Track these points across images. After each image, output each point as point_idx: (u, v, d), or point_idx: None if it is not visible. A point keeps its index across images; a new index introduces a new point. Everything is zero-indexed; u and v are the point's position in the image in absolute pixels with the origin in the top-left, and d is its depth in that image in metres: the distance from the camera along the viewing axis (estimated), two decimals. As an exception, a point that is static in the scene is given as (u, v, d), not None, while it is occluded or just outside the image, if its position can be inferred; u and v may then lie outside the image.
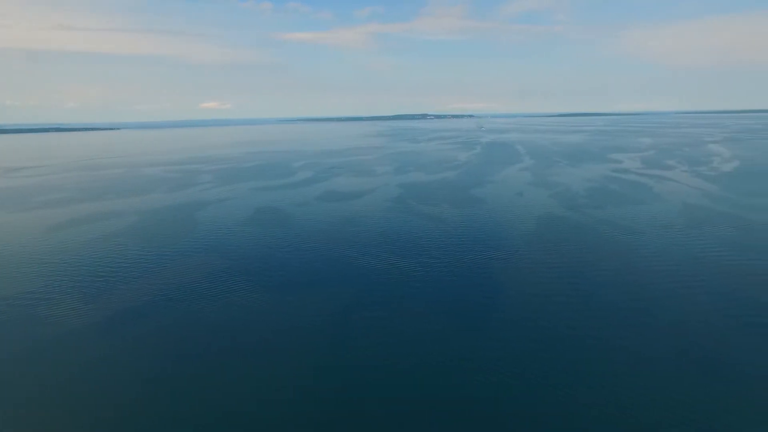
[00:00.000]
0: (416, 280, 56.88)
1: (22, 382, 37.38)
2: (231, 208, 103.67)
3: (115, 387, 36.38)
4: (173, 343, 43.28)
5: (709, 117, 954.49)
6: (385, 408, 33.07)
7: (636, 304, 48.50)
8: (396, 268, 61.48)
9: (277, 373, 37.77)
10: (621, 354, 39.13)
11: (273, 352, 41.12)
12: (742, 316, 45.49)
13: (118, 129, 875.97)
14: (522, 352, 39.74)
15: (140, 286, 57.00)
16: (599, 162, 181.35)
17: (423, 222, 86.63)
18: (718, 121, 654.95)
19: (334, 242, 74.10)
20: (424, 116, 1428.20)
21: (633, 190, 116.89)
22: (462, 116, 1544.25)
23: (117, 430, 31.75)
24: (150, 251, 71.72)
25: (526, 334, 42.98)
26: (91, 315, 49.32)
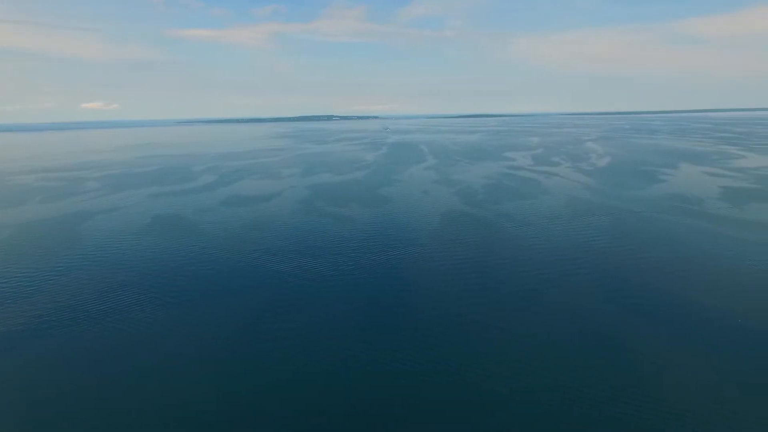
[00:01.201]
0: (329, 282, 56.77)
1: None
2: (124, 218, 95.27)
3: (-13, 427, 31.77)
4: (57, 372, 38.83)
5: (586, 118, 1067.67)
6: (302, 421, 32.64)
7: (531, 291, 52.86)
8: (308, 270, 60.84)
9: (183, 395, 35.54)
10: (521, 339, 42.41)
11: (177, 372, 38.60)
12: (619, 295, 51.58)
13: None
14: (433, 345, 41.43)
15: (14, 311, 50.31)
16: (495, 160, 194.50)
17: (334, 223, 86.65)
18: (594, 122, 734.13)
19: (241, 249, 71.35)
20: (329, 117, 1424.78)
21: (525, 185, 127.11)
22: (367, 117, 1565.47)
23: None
24: (26, 271, 63.56)
25: (436, 326, 44.87)
26: (-48, 348, 42.53)
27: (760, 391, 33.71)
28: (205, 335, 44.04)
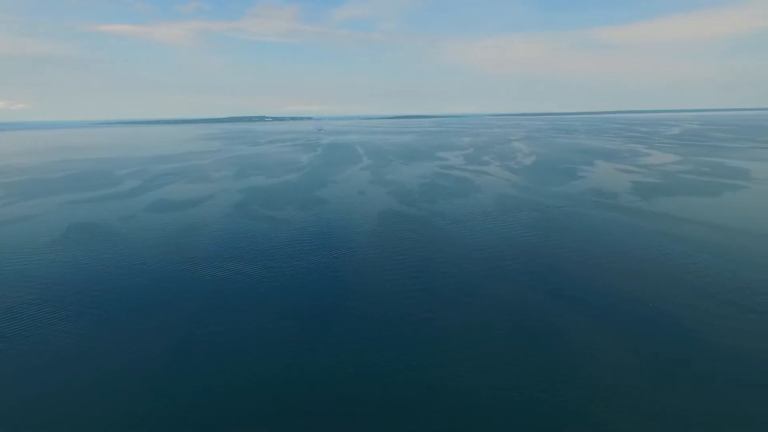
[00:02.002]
0: (267, 287, 55.62)
1: None
2: (35, 229, 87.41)
3: None
4: (-37, 398, 35.10)
5: (513, 118, 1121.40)
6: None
7: (468, 286, 54.96)
8: (245, 276, 59.22)
9: (111, 417, 33.45)
10: (462, 332, 43.99)
11: (106, 393, 36.24)
12: (547, 286, 54.92)
13: None
14: (375, 345, 41.94)
15: None
16: (429, 160, 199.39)
17: (270, 226, 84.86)
18: (519, 122, 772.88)
19: (171, 257, 68.00)
20: (262, 118, 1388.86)
21: (458, 184, 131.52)
22: (301, 118, 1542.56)
23: None
24: None
25: (377, 325, 45.45)
26: None
27: (670, 368, 37.40)
28: (134, 350, 41.62)
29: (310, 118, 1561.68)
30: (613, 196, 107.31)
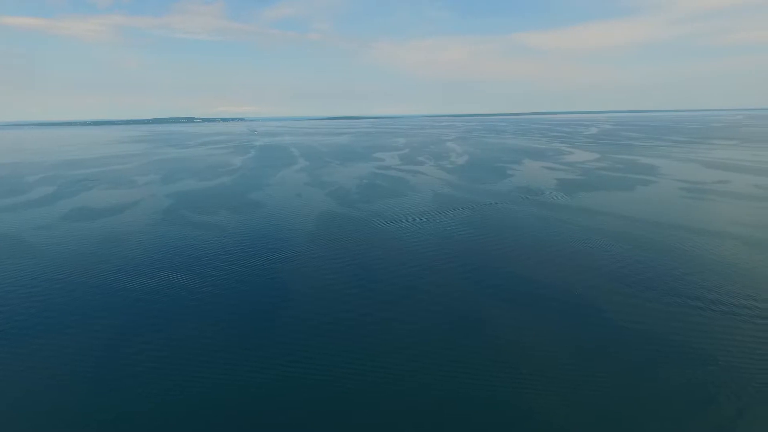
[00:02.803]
0: (201, 295, 53.29)
1: None
2: (-73, 243, 77.83)
3: None
4: None
5: (446, 119, 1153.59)
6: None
7: (408, 283, 55.85)
8: (176, 286, 56.33)
9: (28, 437, 30.60)
10: (402, 329, 44.63)
11: (28, 415, 33.09)
12: (481, 279, 57.11)
13: None
14: (317, 346, 41.52)
15: None
16: (365, 161, 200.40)
17: (202, 232, 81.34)
18: (451, 123, 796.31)
19: (94, 268, 63.25)
20: (190, 120, 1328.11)
21: (394, 184, 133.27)
22: (233, 120, 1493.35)
23: None
24: None
25: (319, 327, 45.03)
26: None
27: (592, 352, 40.24)
28: (57, 368, 38.31)
29: (242, 120, 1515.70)
30: (540, 193, 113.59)
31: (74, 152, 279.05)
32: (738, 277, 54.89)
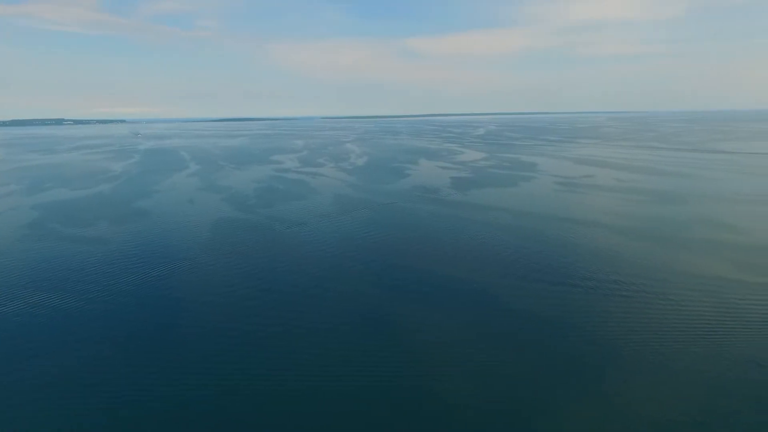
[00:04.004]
0: (81, 316, 47.83)
1: None
2: None
3: None
4: None
5: (344, 121, 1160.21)
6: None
7: (312, 287, 55.34)
8: (50, 308, 49.91)
9: None
10: (308, 334, 44.09)
11: None
12: (386, 278, 58.49)
13: None
14: (213, 359, 39.51)
15: None
16: (263, 163, 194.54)
17: (78, 246, 72.97)
18: (350, 125, 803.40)
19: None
20: (59, 122, 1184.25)
21: (295, 186, 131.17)
22: (113, 121, 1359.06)
23: None
24: None
25: (214, 340, 42.87)
26: None
27: (497, 337, 43.33)
28: None
29: (123, 121, 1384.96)
30: (436, 191, 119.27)
31: None
32: (607, 261, 62.59)
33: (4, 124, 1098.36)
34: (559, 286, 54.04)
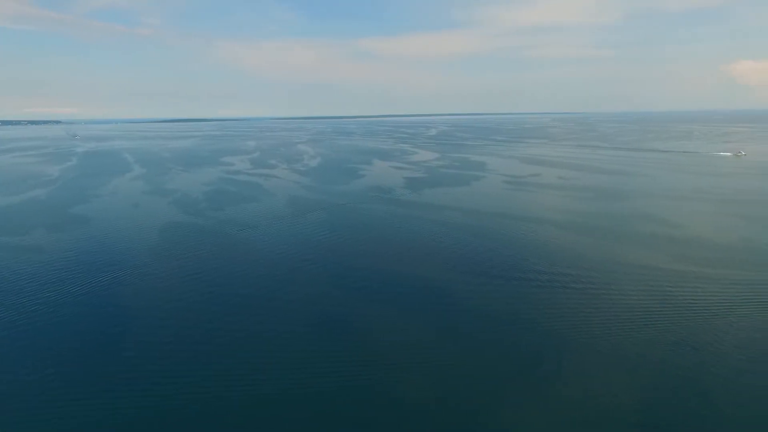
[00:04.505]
0: (17, 332, 44.81)
1: None
2: None
3: None
4: None
5: (296, 122, 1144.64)
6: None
7: (267, 291, 54.51)
8: (-24, 323, 46.40)
9: None
10: (264, 338, 43.44)
11: None
12: (343, 278, 58.51)
13: None
14: (169, 368, 38.23)
15: None
16: (213, 165, 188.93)
17: (11, 256, 68.16)
18: (302, 125, 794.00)
19: None
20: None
21: (247, 188, 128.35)
22: (46, 122, 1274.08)
23: None
24: None
25: (167, 348, 41.47)
26: None
27: (451, 331, 44.36)
28: None
29: (58, 122, 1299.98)
30: (389, 191, 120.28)
31: None
32: (556, 255, 65.47)
33: None
34: (512, 281, 56.06)
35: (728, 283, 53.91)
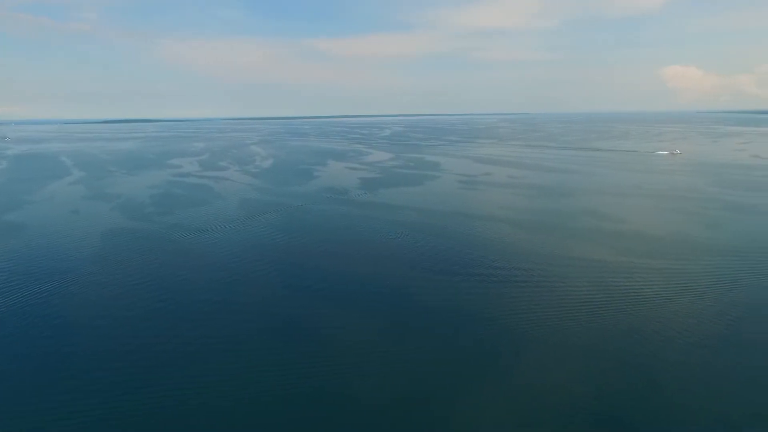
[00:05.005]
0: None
1: None
2: None
3: None
4: None
5: (247, 122, 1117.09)
6: None
7: (221, 296, 52.85)
8: None
9: None
10: (219, 345, 42.06)
11: None
12: (300, 282, 57.66)
13: None
14: (117, 383, 36.28)
15: None
16: (160, 168, 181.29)
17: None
18: (254, 126, 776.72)
19: None
20: None
21: (196, 192, 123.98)
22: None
23: None
24: None
25: (117, 361, 39.36)
26: None
27: (411, 331, 44.61)
28: None
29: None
30: (345, 192, 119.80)
31: None
32: (508, 252, 67.39)
33: None
34: (468, 278, 57.20)
35: (667, 273, 57.43)
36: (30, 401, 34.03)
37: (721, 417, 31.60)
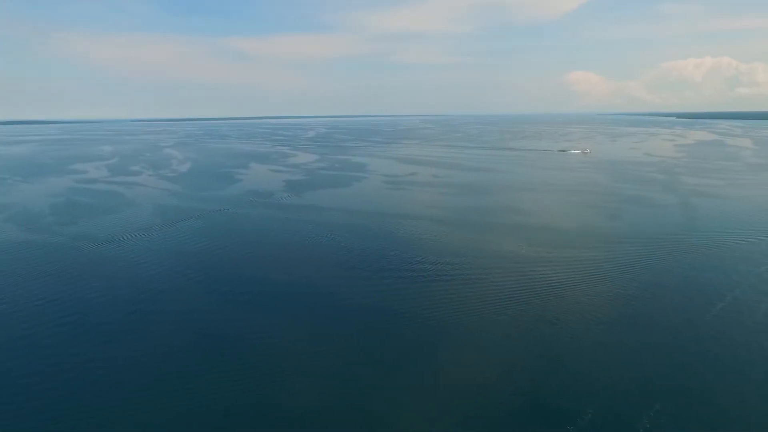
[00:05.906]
0: None
1: None
2: None
3: None
4: None
5: (160, 124, 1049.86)
6: None
7: (135, 309, 49.23)
8: None
9: None
10: (130, 360, 39.14)
11: None
12: (225, 290, 55.10)
13: None
14: (30, 402, 32.53)
15: None
16: (60, 174, 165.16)
17: None
18: (168, 128, 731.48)
19: None
20: None
21: (106, 199, 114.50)
22: None
23: None
24: None
25: (24, 380, 35.29)
26: None
27: (340, 335, 44.30)
28: None
29: None
30: (269, 195, 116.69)
31: None
32: (433, 249, 69.26)
33: None
34: (396, 276, 58.07)
35: (573, 261, 62.36)
36: None
37: (628, 387, 34.77)
